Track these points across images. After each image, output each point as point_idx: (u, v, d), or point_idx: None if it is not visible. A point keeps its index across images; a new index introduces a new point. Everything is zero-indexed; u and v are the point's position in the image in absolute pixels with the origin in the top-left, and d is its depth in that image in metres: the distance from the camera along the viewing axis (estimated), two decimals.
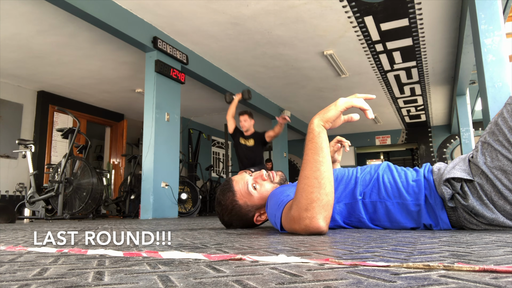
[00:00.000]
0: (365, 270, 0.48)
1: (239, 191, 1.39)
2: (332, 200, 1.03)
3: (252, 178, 1.42)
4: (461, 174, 1.12)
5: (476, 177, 1.10)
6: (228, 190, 1.41)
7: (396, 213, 1.23)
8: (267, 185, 1.41)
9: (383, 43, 5.10)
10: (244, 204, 1.39)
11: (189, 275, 0.48)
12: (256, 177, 1.42)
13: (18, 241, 1.13)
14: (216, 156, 9.97)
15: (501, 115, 1.09)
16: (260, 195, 1.39)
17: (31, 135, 6.29)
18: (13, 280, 0.47)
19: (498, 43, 3.01)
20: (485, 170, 1.08)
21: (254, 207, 1.40)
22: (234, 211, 1.40)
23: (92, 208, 4.48)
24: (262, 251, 0.73)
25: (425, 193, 1.18)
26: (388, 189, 1.24)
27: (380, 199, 1.25)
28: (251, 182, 1.40)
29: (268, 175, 1.42)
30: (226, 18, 4.39)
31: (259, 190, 1.39)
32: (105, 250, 0.81)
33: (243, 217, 1.42)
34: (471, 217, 1.13)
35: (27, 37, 4.58)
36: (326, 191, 1.01)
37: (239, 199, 1.39)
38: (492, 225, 1.10)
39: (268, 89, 7.02)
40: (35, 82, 6.09)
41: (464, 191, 1.11)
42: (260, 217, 1.42)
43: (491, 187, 1.07)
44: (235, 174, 1.51)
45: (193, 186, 5.79)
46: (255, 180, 1.41)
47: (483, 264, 0.50)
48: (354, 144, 11.06)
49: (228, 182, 1.44)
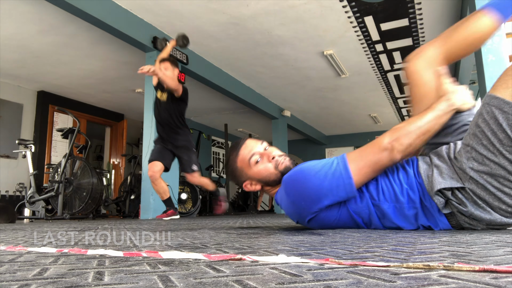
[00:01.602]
0: (365, 270, 0.48)
1: (242, 156, 1.39)
2: (412, 151, 1.18)
3: (260, 152, 1.39)
4: (450, 183, 1.10)
5: (466, 183, 1.08)
6: (235, 149, 1.42)
7: (392, 216, 1.22)
8: (268, 167, 1.38)
9: (383, 43, 5.10)
10: (240, 169, 1.40)
11: (189, 275, 0.48)
12: (264, 154, 1.39)
13: (18, 241, 1.13)
14: (216, 156, 9.97)
15: (481, 115, 1.06)
16: (257, 171, 1.38)
17: (31, 135, 6.29)
18: (13, 280, 0.47)
19: (498, 43, 3.01)
20: (473, 176, 1.06)
21: (247, 176, 1.40)
22: (230, 169, 1.44)
23: (92, 208, 4.48)
24: (262, 251, 0.73)
25: (419, 196, 1.17)
26: (385, 192, 1.23)
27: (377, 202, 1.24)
28: (256, 156, 1.37)
29: (276, 161, 1.38)
30: (226, 18, 4.39)
31: (258, 167, 1.38)
32: (105, 250, 0.81)
33: (235, 177, 1.45)
34: (471, 220, 1.12)
35: (27, 37, 4.58)
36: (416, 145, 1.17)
37: (238, 162, 1.40)
38: (492, 225, 1.10)
39: (268, 89, 7.02)
40: (35, 82, 6.09)
41: (458, 197, 1.10)
42: (251, 186, 1.42)
43: (483, 191, 1.06)
44: None
45: (193, 186, 5.79)
46: (261, 155, 1.38)
47: (483, 264, 0.50)
48: (354, 144, 11.06)
49: (240, 142, 1.43)
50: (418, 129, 1.17)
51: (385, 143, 1.17)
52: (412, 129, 1.17)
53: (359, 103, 8.04)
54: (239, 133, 10.65)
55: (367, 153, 1.20)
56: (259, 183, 1.41)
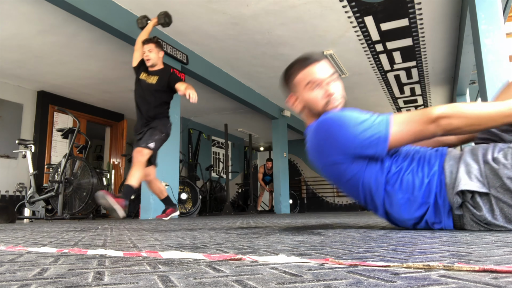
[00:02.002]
0: (365, 270, 0.48)
1: (306, 73, 1.34)
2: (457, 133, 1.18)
3: (323, 82, 1.33)
4: (476, 186, 1.07)
5: (493, 190, 1.06)
6: (304, 62, 1.37)
7: (401, 208, 1.20)
8: (319, 99, 1.32)
9: (383, 43, 5.10)
10: (296, 82, 1.38)
11: (189, 275, 0.48)
12: (325, 85, 1.33)
13: (18, 241, 1.13)
14: (216, 156, 9.97)
15: None
16: (308, 96, 1.34)
17: (31, 135, 6.29)
18: (13, 280, 0.47)
19: (498, 43, 3.01)
20: (509, 185, 1.03)
21: (297, 93, 1.38)
22: (287, 75, 1.43)
23: (92, 208, 4.48)
24: (262, 251, 0.73)
25: (436, 193, 1.15)
26: (403, 182, 1.20)
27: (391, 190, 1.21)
28: (316, 83, 1.32)
29: (330, 99, 1.32)
30: (226, 18, 4.39)
31: (311, 93, 1.34)
32: (105, 250, 0.81)
33: (286, 85, 1.44)
34: (479, 225, 1.11)
35: (27, 37, 4.58)
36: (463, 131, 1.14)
37: (298, 76, 1.36)
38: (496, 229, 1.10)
39: (268, 89, 7.02)
40: (35, 82, 6.09)
41: (476, 201, 1.08)
42: (293, 102, 1.42)
43: (510, 199, 1.03)
44: (236, 175, 1.49)
45: (193, 186, 5.79)
46: (322, 85, 1.33)
47: (483, 264, 0.50)
48: None
49: (313, 58, 1.37)
50: (476, 118, 1.10)
51: (435, 116, 1.13)
52: (470, 114, 1.11)
53: (359, 103, 8.03)
54: (239, 133, 10.65)
55: (414, 121, 1.16)
56: (302, 106, 1.39)
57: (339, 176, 1.28)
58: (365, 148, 1.19)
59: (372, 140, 1.17)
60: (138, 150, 3.21)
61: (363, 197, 1.29)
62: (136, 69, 3.56)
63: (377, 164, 1.22)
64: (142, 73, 3.51)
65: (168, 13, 3.71)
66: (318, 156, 1.31)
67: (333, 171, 1.29)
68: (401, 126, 1.17)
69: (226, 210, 6.59)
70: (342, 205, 10.97)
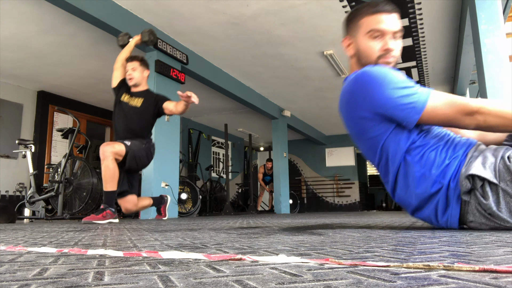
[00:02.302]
0: (365, 270, 0.48)
1: (372, 20, 1.30)
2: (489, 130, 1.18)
3: (385, 34, 1.29)
4: (487, 174, 1.09)
5: (502, 183, 1.08)
6: (373, 8, 1.31)
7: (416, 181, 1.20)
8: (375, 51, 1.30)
9: None
10: (358, 25, 1.33)
11: (189, 275, 0.48)
12: (387, 40, 1.30)
13: (18, 241, 1.13)
14: (216, 156, 9.97)
15: None
16: (366, 43, 1.31)
17: (31, 135, 6.28)
18: (13, 280, 0.47)
19: (498, 43, 3.01)
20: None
21: (355, 37, 1.34)
22: (352, 16, 1.37)
23: (92, 208, 4.48)
24: (262, 251, 0.73)
25: (451, 176, 1.16)
26: (424, 156, 1.20)
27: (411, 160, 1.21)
28: (378, 34, 1.29)
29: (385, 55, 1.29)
30: (226, 18, 4.39)
31: (370, 41, 1.30)
32: (105, 250, 0.81)
33: (348, 26, 1.38)
34: (481, 215, 1.12)
35: (27, 37, 4.58)
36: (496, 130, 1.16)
37: (362, 20, 1.32)
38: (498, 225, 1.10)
39: (268, 89, 7.02)
40: (35, 82, 6.09)
41: (485, 190, 1.10)
42: (348, 44, 1.38)
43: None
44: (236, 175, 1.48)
45: (193, 186, 5.79)
46: (384, 37, 1.29)
47: (483, 264, 0.50)
48: (354, 144, 11.05)
49: (384, 8, 1.32)
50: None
51: (473, 109, 1.12)
52: (508, 115, 1.11)
53: None
54: (239, 133, 10.65)
55: (451, 106, 1.15)
56: (354, 52, 1.36)
57: (362, 132, 1.28)
58: (397, 113, 1.18)
59: (406, 107, 1.16)
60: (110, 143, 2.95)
61: (378, 160, 1.29)
62: (116, 90, 3.26)
63: (404, 132, 1.22)
64: (123, 94, 3.20)
65: (153, 31, 3.45)
66: (347, 107, 1.29)
67: (358, 126, 1.28)
68: (438, 105, 1.16)
69: (226, 210, 6.59)
70: (342, 205, 10.97)
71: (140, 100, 3.14)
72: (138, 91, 3.20)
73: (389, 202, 12.52)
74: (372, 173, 13.92)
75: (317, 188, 11.32)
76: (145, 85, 3.24)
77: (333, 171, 11.14)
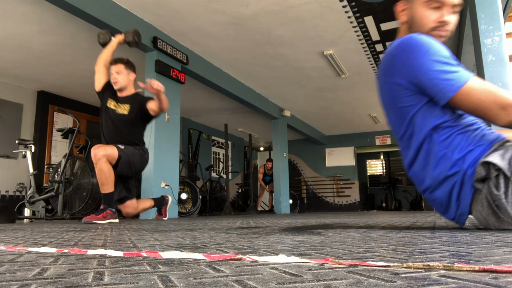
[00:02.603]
0: (365, 270, 0.48)
1: None
2: None
3: (445, 11, 1.29)
4: (503, 165, 1.09)
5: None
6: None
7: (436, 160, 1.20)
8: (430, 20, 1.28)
9: (383, 43, 5.10)
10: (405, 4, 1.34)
11: (189, 275, 0.48)
12: (444, 12, 1.29)
13: (18, 241, 1.13)
14: (216, 156, 9.97)
15: None
16: (422, 11, 1.29)
17: (31, 135, 6.29)
18: (13, 280, 0.47)
19: (498, 43, 3.01)
20: None
21: (409, 3, 1.33)
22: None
23: (92, 208, 4.47)
24: (262, 251, 0.73)
25: (471, 163, 1.15)
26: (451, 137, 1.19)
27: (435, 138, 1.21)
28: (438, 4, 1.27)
29: (441, 26, 1.29)
30: (226, 18, 4.39)
31: (427, 10, 1.29)
32: (105, 250, 0.81)
33: None
34: (489, 205, 1.12)
35: (27, 37, 4.58)
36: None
37: None
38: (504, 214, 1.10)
39: (268, 89, 7.02)
40: (35, 82, 6.09)
41: (499, 182, 1.10)
42: (402, 9, 1.37)
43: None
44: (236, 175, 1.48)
45: (193, 186, 5.79)
46: (443, 8, 1.28)
47: (483, 264, 0.50)
48: (354, 144, 11.06)
49: None
50: None
51: (509, 105, 1.10)
52: None
53: (359, 103, 8.03)
54: (239, 133, 10.65)
55: (489, 95, 1.13)
56: (407, 19, 1.35)
57: (394, 100, 1.27)
58: (432, 86, 1.16)
59: (443, 83, 1.15)
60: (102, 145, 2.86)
61: (403, 132, 1.28)
62: (101, 95, 3.06)
63: (435, 109, 1.21)
64: (109, 100, 3.00)
65: (138, 32, 3.23)
66: (385, 71, 1.29)
67: (391, 92, 1.27)
68: (477, 89, 1.13)
69: (226, 210, 6.59)
70: (342, 205, 10.97)
71: (127, 106, 2.96)
72: (125, 96, 3.01)
73: (389, 202, 12.51)
74: (372, 173, 13.92)
75: (317, 188, 11.32)
76: (132, 88, 3.06)
77: (333, 171, 11.14)
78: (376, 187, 13.38)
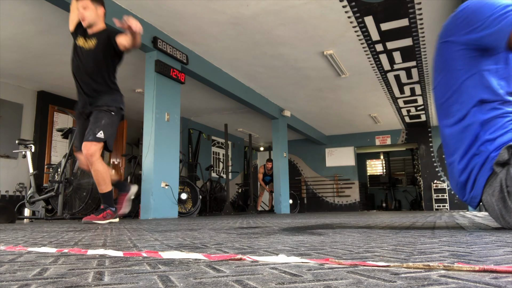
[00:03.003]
0: (365, 270, 0.48)
1: None
2: None
3: None
4: None
5: None
6: None
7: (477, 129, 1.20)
8: None
9: (383, 43, 5.10)
10: None
11: (189, 275, 0.48)
12: None
13: (18, 241, 1.13)
14: (216, 156, 9.98)
15: None
16: None
17: (31, 135, 6.29)
18: (13, 280, 0.47)
19: None
20: None
21: None
22: None
23: (92, 208, 4.47)
24: (262, 251, 0.73)
25: (497, 146, 1.16)
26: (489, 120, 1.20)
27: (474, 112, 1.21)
28: None
29: None
30: (226, 18, 4.39)
31: None
32: (105, 250, 0.81)
33: None
34: (500, 192, 1.12)
35: (27, 37, 4.58)
36: None
37: None
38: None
39: (268, 89, 7.02)
40: (35, 82, 6.09)
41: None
42: None
43: None
44: (236, 175, 1.49)
45: (193, 186, 5.79)
46: None
47: (483, 264, 0.50)
48: (354, 144, 11.06)
49: None
50: None
51: None
52: None
53: (359, 103, 8.04)
54: (239, 133, 10.65)
55: None
56: None
57: (448, 61, 1.27)
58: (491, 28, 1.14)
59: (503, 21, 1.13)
60: (87, 147, 2.65)
61: (447, 97, 1.28)
62: (74, 35, 2.91)
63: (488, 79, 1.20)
64: (78, 37, 2.84)
65: None
66: (445, 30, 1.29)
67: (447, 52, 1.27)
68: None
69: (226, 210, 6.59)
70: (342, 205, 10.97)
71: (94, 40, 2.79)
72: (94, 32, 2.82)
73: (389, 202, 12.52)
74: (372, 173, 13.92)
75: (317, 188, 11.32)
76: (102, 23, 2.87)
77: (333, 171, 11.14)
78: (376, 187, 13.39)
